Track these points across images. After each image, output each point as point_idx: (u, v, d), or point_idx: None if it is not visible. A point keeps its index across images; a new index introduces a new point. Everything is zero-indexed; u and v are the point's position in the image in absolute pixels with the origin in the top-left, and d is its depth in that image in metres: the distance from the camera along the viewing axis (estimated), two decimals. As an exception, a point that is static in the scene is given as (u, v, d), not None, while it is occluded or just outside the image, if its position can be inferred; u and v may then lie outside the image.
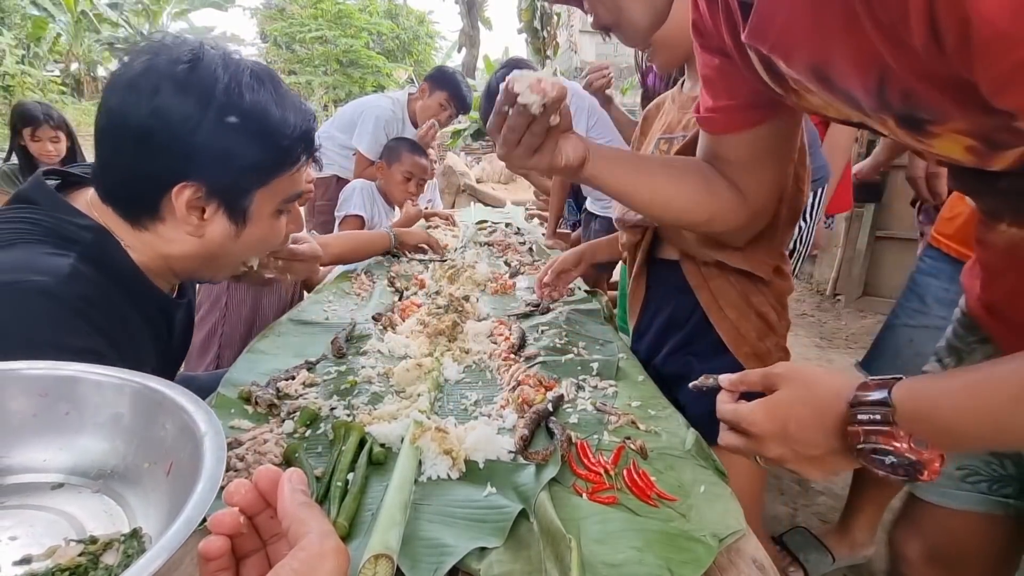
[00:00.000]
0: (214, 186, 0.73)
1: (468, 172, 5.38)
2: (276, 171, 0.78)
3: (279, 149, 0.76)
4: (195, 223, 0.74)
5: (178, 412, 0.47)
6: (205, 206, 0.74)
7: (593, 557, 0.54)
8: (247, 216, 0.77)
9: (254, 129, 0.73)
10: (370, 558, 0.50)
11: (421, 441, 0.70)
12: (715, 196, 0.82)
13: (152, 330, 0.80)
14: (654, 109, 1.16)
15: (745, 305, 0.98)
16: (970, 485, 0.78)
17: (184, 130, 0.69)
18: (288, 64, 18.88)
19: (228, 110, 0.71)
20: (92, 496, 0.48)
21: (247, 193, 0.76)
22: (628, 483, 0.65)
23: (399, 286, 1.48)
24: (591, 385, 0.91)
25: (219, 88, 0.70)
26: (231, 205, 0.76)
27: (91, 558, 0.40)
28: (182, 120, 0.69)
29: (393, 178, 2.22)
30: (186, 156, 0.70)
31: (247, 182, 0.76)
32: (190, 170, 0.71)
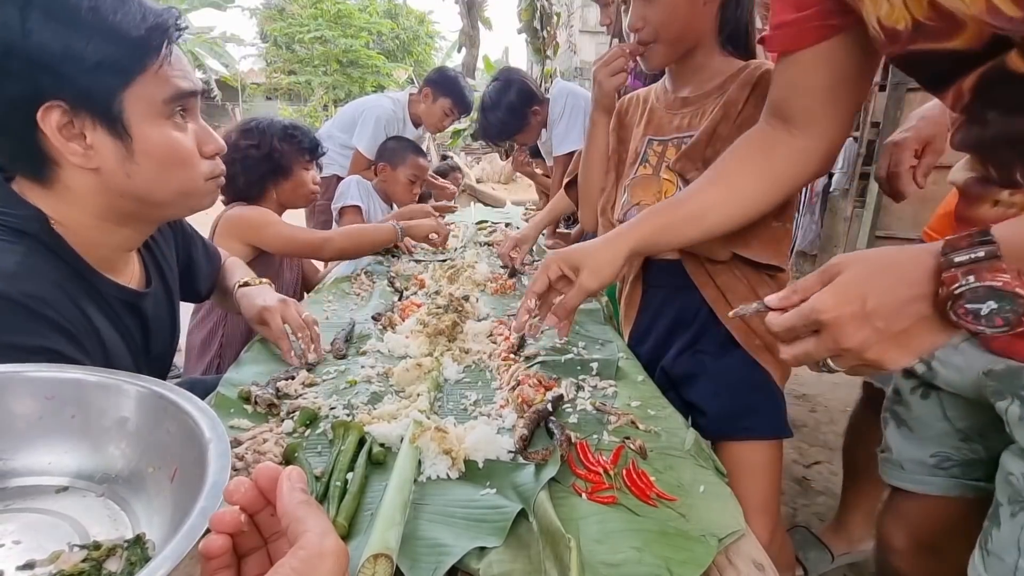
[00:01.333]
0: (75, 99, 0.67)
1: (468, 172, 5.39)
2: (133, 67, 0.70)
3: (128, 40, 0.69)
4: (81, 152, 0.69)
5: (183, 417, 0.47)
6: (82, 130, 0.69)
7: (592, 557, 0.54)
8: (125, 126, 0.70)
9: (89, 22, 0.67)
10: (369, 558, 0.50)
11: (421, 441, 0.70)
12: (782, 161, 0.78)
13: (117, 330, 0.77)
14: (634, 101, 1.16)
15: (754, 298, 0.98)
16: (943, 471, 0.80)
17: (11, 40, 0.64)
18: (288, 64, 18.90)
19: (51, 8, 0.65)
20: (96, 500, 0.48)
21: (111, 97, 0.69)
22: (627, 483, 0.65)
23: (399, 286, 1.48)
24: (591, 385, 0.91)
25: None
26: (104, 117, 0.69)
27: (94, 564, 0.40)
28: (5, 28, 0.64)
29: (398, 180, 2.22)
30: (28, 70, 0.65)
31: (104, 83, 0.68)
32: (41, 86, 0.66)
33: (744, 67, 0.98)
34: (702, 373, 1.02)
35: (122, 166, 0.72)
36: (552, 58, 8.33)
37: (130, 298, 0.81)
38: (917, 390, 0.82)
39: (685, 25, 0.96)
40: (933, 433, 0.81)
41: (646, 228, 0.84)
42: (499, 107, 2.25)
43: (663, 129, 1.05)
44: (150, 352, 0.87)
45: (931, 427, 0.81)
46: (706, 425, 0.99)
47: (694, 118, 1.01)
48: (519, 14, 8.26)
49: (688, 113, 1.02)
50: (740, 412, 0.98)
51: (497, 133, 2.36)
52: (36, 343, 0.63)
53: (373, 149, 2.45)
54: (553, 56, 8.35)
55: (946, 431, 0.80)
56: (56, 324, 0.66)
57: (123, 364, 0.78)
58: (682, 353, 1.04)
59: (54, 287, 0.67)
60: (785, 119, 0.78)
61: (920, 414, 0.82)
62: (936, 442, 0.81)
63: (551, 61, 8.30)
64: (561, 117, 2.26)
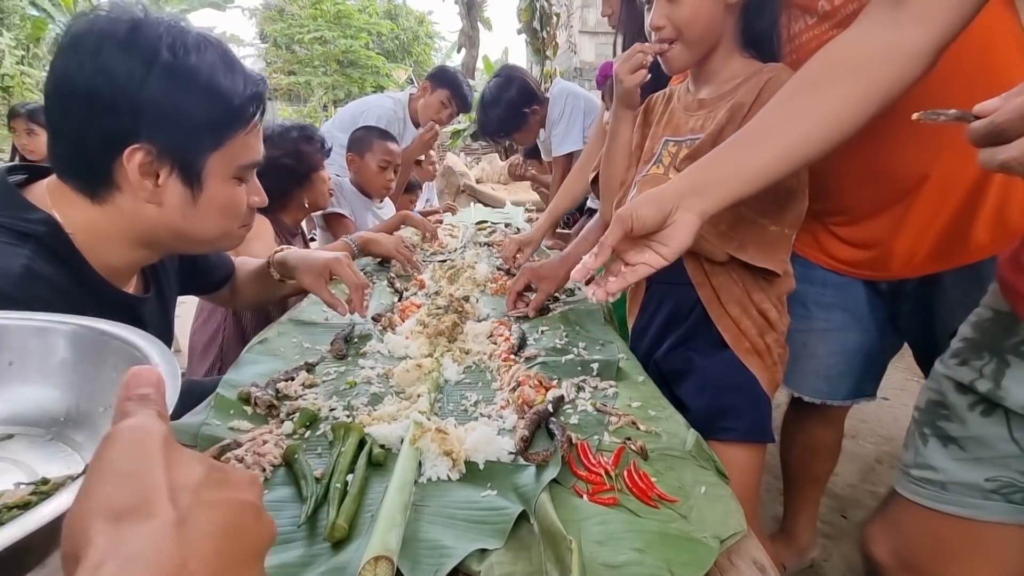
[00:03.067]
0: (165, 147, 0.72)
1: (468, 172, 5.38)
2: (228, 131, 0.77)
3: (230, 108, 0.76)
4: (150, 189, 0.73)
5: (129, 350, 0.46)
6: (158, 170, 0.73)
7: (594, 558, 0.54)
8: (202, 180, 0.77)
9: (202, 87, 0.73)
10: (370, 560, 0.50)
11: (421, 442, 0.70)
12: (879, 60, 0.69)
13: None
14: (660, 100, 1.15)
15: (747, 302, 0.99)
16: (1000, 497, 0.71)
17: (129, 87, 0.68)
18: (287, 64, 18.89)
19: (174, 67, 0.70)
20: (45, 444, 0.47)
21: (200, 155, 0.76)
22: (629, 484, 0.65)
23: (399, 287, 1.47)
24: (591, 386, 0.90)
25: (163, 46, 0.70)
26: (184, 168, 0.75)
27: (43, 497, 0.38)
28: (127, 77, 0.68)
29: (368, 169, 2.18)
30: (133, 115, 0.69)
31: (199, 143, 0.75)
32: (139, 130, 0.70)
33: (758, 71, 0.97)
34: (691, 370, 1.03)
35: (182, 208, 0.77)
36: (552, 58, 8.33)
37: (130, 303, 0.82)
38: (978, 406, 0.72)
39: (708, 26, 0.95)
40: (994, 455, 0.71)
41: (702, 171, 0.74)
42: (499, 103, 2.24)
43: (679, 130, 1.05)
44: None
45: (992, 448, 0.70)
46: (691, 422, 1.00)
47: (706, 120, 1.00)
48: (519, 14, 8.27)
49: (702, 115, 1.02)
50: (721, 412, 0.98)
51: (496, 129, 2.36)
52: None
53: None
54: (553, 56, 8.36)
55: (1013, 453, 0.69)
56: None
57: None
58: (673, 349, 1.05)
59: (55, 290, 0.68)
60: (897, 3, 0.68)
61: (979, 433, 0.72)
62: (996, 465, 0.71)
63: (551, 61, 8.31)
64: (561, 117, 2.25)
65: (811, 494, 1.47)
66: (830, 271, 1.16)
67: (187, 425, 0.77)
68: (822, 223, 1.15)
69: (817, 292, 1.19)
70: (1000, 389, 0.69)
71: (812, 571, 1.52)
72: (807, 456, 1.41)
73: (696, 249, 0.96)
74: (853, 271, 1.14)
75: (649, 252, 0.73)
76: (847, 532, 1.67)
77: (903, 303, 1.11)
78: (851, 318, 1.18)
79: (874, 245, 1.08)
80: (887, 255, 1.07)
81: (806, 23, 0.99)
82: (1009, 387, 0.68)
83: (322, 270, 1.12)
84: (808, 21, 0.99)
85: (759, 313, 1.00)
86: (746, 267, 0.97)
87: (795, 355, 1.22)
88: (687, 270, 1.02)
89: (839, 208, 1.11)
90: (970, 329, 0.74)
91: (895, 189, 1.02)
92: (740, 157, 0.74)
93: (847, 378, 1.23)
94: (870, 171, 1.02)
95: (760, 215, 0.94)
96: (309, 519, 0.59)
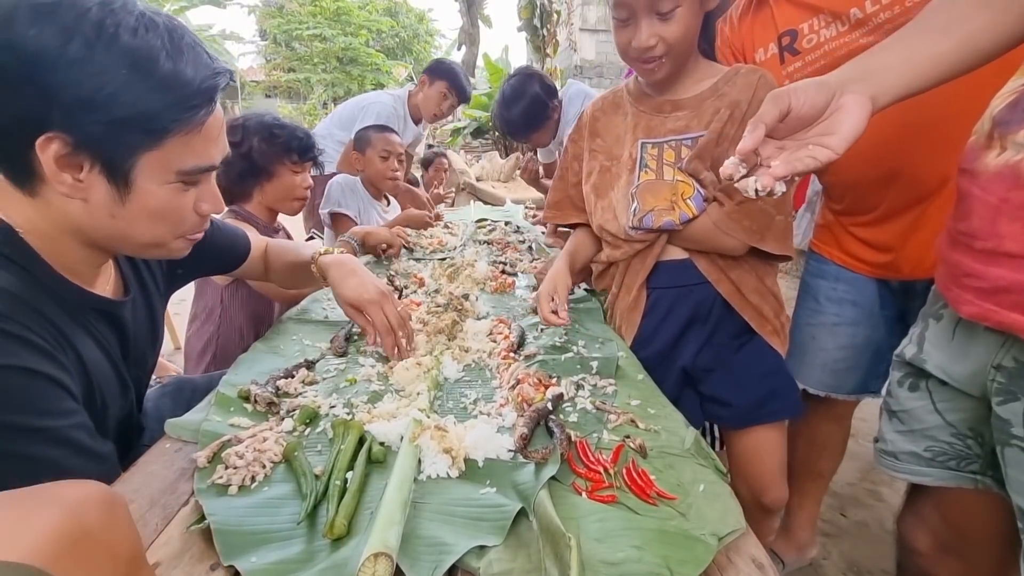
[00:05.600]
0: (84, 140, 0.62)
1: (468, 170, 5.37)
2: (164, 129, 0.65)
3: (166, 102, 0.64)
4: (69, 183, 0.64)
5: None
6: (80, 163, 0.64)
7: (592, 555, 0.54)
8: (130, 180, 0.66)
9: (131, 75, 0.61)
10: (369, 556, 0.50)
11: (421, 440, 0.70)
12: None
13: (91, 336, 0.74)
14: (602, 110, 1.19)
15: (763, 287, 1.06)
16: (939, 464, 0.79)
17: (40, 66, 0.59)
18: (287, 62, 18.86)
19: (96, 49, 0.60)
20: None
21: (127, 153, 0.65)
22: (627, 482, 0.65)
23: (398, 284, 1.48)
24: (590, 384, 0.91)
25: (87, 23, 0.60)
26: (109, 165, 0.65)
27: None
28: (37, 53, 0.58)
29: (372, 164, 2.20)
30: (44, 98, 0.60)
31: (124, 139, 0.64)
32: (52, 117, 0.60)
33: (735, 70, 1.02)
34: (720, 366, 1.07)
35: (108, 207, 0.68)
36: (552, 56, 8.31)
37: (105, 307, 0.77)
38: (905, 381, 0.81)
39: (694, 36, 0.99)
40: (924, 427, 0.79)
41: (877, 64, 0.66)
42: (524, 96, 2.16)
43: (655, 131, 1.06)
44: (129, 359, 0.84)
45: (921, 420, 0.79)
46: (730, 416, 1.07)
47: (692, 120, 1.03)
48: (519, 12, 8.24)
49: (685, 116, 1.04)
50: (765, 398, 1.05)
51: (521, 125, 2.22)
52: (4, 362, 0.60)
53: None
54: (553, 54, 8.34)
55: (937, 424, 0.78)
56: (26, 341, 0.62)
57: (104, 374, 0.75)
58: (702, 348, 1.08)
59: (18, 302, 0.64)
60: None
61: (910, 407, 0.80)
62: (927, 436, 0.79)
63: (551, 59, 8.29)
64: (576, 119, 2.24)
65: (813, 491, 1.47)
66: (843, 267, 1.19)
67: (188, 422, 0.77)
68: (842, 223, 1.18)
69: (829, 286, 1.22)
70: (922, 352, 0.75)
71: (811, 569, 1.52)
72: (812, 452, 1.41)
73: (722, 247, 1.02)
74: (869, 271, 1.16)
75: (811, 146, 0.62)
76: (847, 531, 1.67)
77: (914, 302, 1.13)
78: (861, 313, 1.19)
79: (891, 248, 1.11)
80: (902, 258, 1.10)
81: (837, 30, 1.02)
82: (929, 350, 0.75)
83: (357, 309, 1.03)
84: (839, 28, 1.01)
85: (772, 295, 1.07)
86: (757, 256, 1.03)
87: (803, 347, 1.25)
88: (700, 270, 1.06)
89: (861, 208, 1.14)
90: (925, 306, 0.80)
91: (915, 191, 1.05)
92: (914, 43, 0.65)
93: (853, 373, 1.24)
94: (892, 173, 1.05)
95: (771, 207, 0.99)
96: (309, 516, 0.59)
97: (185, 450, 0.72)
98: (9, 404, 0.60)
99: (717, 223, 1.00)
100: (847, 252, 1.18)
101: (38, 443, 0.61)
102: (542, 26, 8.22)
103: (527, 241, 2.10)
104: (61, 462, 0.63)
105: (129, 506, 0.61)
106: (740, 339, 1.07)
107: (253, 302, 1.53)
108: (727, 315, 1.06)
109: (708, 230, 1.01)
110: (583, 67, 9.64)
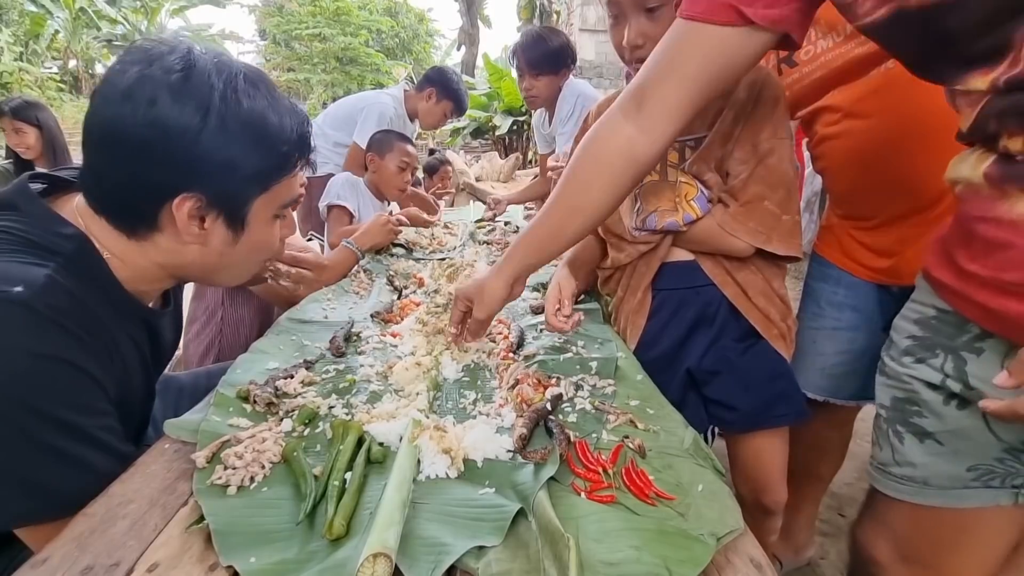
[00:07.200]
0: (215, 196, 0.72)
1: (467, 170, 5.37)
2: (275, 177, 0.77)
3: (278, 155, 0.76)
4: (195, 232, 0.73)
5: None
6: (206, 215, 0.73)
7: (591, 556, 0.54)
8: (245, 223, 0.77)
9: (253, 136, 0.72)
10: (368, 557, 0.50)
11: (420, 440, 0.70)
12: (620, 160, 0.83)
13: (134, 343, 0.80)
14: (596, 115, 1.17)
15: (770, 290, 1.05)
16: (980, 483, 0.73)
17: (184, 141, 0.68)
18: (287, 61, 18.85)
19: (227, 118, 0.69)
20: None
21: (248, 201, 0.76)
22: (626, 482, 0.65)
23: (398, 284, 1.48)
24: (590, 384, 0.91)
25: (216, 96, 0.69)
26: (230, 213, 0.75)
27: None
28: (181, 131, 0.67)
29: (387, 170, 2.20)
30: (187, 167, 0.69)
31: (248, 190, 0.75)
32: (191, 181, 0.70)
33: None
34: (726, 370, 1.05)
35: (222, 248, 0.77)
36: (552, 56, 8.31)
37: (149, 317, 0.83)
38: (952, 400, 0.73)
39: None
40: (972, 445, 0.72)
41: (519, 255, 0.93)
42: (555, 39, 2.21)
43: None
44: (158, 366, 0.90)
45: (970, 439, 0.72)
46: (734, 420, 1.06)
47: (695, 120, 1.00)
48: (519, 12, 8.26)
49: None
50: (770, 403, 1.05)
51: (539, 61, 2.23)
52: (57, 352, 0.64)
53: None
54: (553, 54, 8.34)
55: (989, 443, 0.70)
56: (75, 336, 0.67)
57: (137, 378, 0.80)
58: (707, 351, 1.07)
59: (79, 303, 0.68)
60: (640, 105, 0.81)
61: (958, 426, 0.72)
62: (975, 455, 0.72)
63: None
64: (569, 117, 2.25)
65: (812, 493, 1.47)
66: (845, 271, 1.19)
67: (187, 422, 0.77)
68: (846, 228, 1.19)
69: (831, 291, 1.23)
70: (971, 390, 0.70)
71: (809, 569, 1.52)
72: (812, 456, 1.41)
73: (727, 249, 1.02)
74: (869, 275, 1.17)
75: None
76: (844, 530, 1.68)
77: None
78: (861, 318, 1.19)
79: (892, 253, 1.12)
80: (902, 263, 1.10)
81: (834, 41, 1.02)
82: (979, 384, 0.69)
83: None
84: (836, 39, 1.02)
85: (779, 298, 1.06)
86: (764, 258, 1.02)
87: (804, 352, 1.25)
88: (705, 272, 1.05)
89: (865, 214, 1.14)
90: (916, 327, 0.76)
91: (920, 199, 1.05)
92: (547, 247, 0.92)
93: (852, 378, 1.24)
94: (897, 181, 1.06)
95: (777, 207, 0.99)
96: (307, 517, 0.59)
97: (184, 450, 0.72)
98: (53, 394, 0.64)
99: (722, 224, 1.00)
100: (848, 255, 1.19)
101: (72, 438, 0.65)
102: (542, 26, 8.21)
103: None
104: (91, 461, 0.66)
105: (128, 506, 0.62)
106: (746, 342, 1.05)
107: (255, 303, 1.53)
108: (733, 317, 1.05)
109: (713, 232, 1.01)
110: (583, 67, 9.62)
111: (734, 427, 1.08)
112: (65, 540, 0.57)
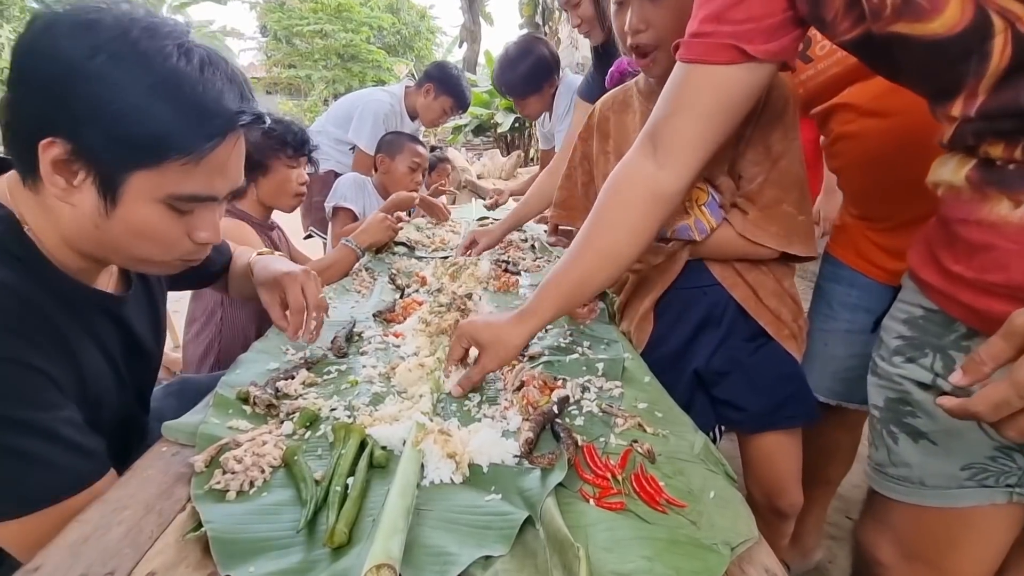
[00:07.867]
0: (84, 147, 0.64)
1: (469, 168, 5.35)
2: (165, 153, 0.66)
3: (174, 130, 0.65)
4: (61, 186, 0.66)
5: None
6: (75, 170, 0.65)
7: (602, 566, 0.52)
8: (117, 195, 0.67)
9: (149, 96, 0.64)
10: (371, 567, 0.48)
11: (424, 444, 0.68)
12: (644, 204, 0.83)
13: (90, 334, 0.75)
14: (611, 107, 1.15)
15: (781, 290, 1.04)
16: (975, 483, 0.74)
17: (63, 73, 0.62)
18: (288, 58, 18.82)
19: (121, 63, 0.62)
20: None
21: (121, 169, 0.66)
22: (636, 488, 0.64)
23: (400, 283, 1.46)
24: (596, 386, 0.89)
25: (122, 41, 0.62)
26: (101, 177, 0.66)
27: None
28: (63, 62, 0.61)
29: (397, 170, 2.20)
30: (59, 104, 0.62)
31: (124, 155, 0.65)
32: (60, 123, 0.63)
33: None
34: (735, 370, 1.04)
35: (93, 218, 0.68)
36: (554, 53, 8.28)
37: (105, 303, 0.78)
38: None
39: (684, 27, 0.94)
40: (965, 445, 0.73)
41: (546, 306, 0.88)
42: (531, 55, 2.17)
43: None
44: (133, 355, 0.84)
45: (963, 438, 0.73)
46: (744, 421, 1.04)
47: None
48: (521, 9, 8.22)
49: None
50: (781, 404, 1.03)
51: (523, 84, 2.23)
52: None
53: (373, 145, 2.43)
54: (555, 51, 8.31)
55: (982, 441, 0.72)
56: (17, 332, 0.63)
57: (98, 371, 0.76)
58: (715, 351, 1.05)
59: (11, 295, 0.65)
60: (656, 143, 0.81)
61: (951, 425, 0.73)
62: (969, 454, 0.73)
63: (552, 56, 8.26)
64: (566, 114, 2.23)
65: (821, 497, 1.45)
66: (859, 272, 1.18)
67: (186, 424, 0.75)
68: (861, 228, 1.17)
69: (844, 292, 1.21)
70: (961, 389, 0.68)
71: (817, 573, 1.50)
72: (821, 459, 1.39)
73: (751, 256, 1.01)
74: (883, 276, 1.15)
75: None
76: (852, 533, 1.66)
77: None
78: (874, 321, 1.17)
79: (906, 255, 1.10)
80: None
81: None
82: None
83: (274, 285, 0.98)
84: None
85: (791, 298, 1.05)
86: (776, 258, 1.01)
87: (815, 354, 1.23)
88: (713, 274, 1.03)
89: (882, 215, 1.13)
90: (905, 327, 0.77)
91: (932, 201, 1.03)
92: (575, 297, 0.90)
93: (864, 382, 1.22)
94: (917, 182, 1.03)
95: (793, 207, 0.98)
96: (308, 523, 0.57)
97: (182, 454, 0.71)
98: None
99: (743, 233, 0.98)
100: (863, 256, 1.17)
101: (23, 435, 0.62)
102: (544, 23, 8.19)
103: (530, 239, 2.08)
104: (47, 455, 0.64)
105: (124, 512, 0.60)
106: (755, 342, 1.04)
107: (255, 304, 1.51)
108: (741, 317, 1.04)
109: (734, 242, 0.99)
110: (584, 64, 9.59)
111: (744, 428, 1.07)
112: (58, 547, 0.55)
